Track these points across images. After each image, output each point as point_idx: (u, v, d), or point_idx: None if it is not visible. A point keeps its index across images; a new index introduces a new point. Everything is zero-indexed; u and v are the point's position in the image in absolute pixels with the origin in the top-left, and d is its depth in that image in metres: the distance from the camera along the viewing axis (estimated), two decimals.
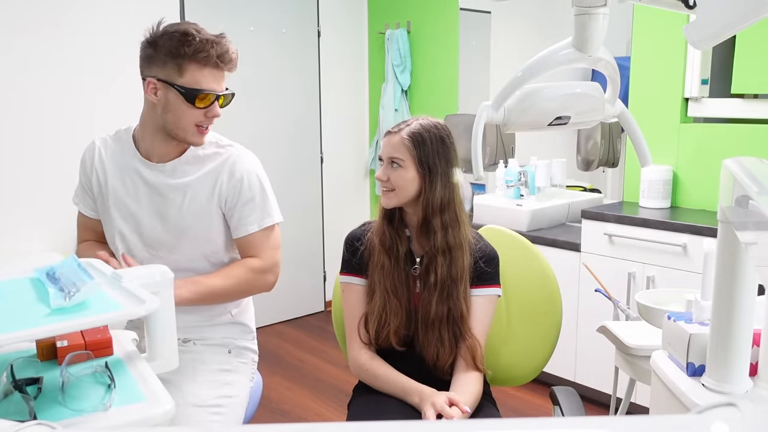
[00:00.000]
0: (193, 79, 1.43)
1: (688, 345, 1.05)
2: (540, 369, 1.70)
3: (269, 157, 3.78)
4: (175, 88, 1.43)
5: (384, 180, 1.47)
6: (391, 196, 1.47)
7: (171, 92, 1.44)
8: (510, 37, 3.64)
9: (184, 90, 1.43)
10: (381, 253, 1.51)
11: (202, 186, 1.55)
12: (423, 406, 1.38)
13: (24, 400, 0.88)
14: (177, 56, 1.41)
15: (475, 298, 1.51)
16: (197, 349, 1.60)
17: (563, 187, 3.20)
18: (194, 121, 1.47)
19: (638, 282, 2.52)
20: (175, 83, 1.43)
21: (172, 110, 1.45)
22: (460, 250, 1.48)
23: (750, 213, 0.77)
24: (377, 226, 1.54)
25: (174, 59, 1.42)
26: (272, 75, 3.73)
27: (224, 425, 1.52)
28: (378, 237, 1.52)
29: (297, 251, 3.97)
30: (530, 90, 1.26)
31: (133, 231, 1.56)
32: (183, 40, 1.41)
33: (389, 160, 1.47)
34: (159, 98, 1.45)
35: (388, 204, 1.49)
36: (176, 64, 1.42)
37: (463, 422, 0.41)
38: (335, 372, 3.23)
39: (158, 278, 1.10)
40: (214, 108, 1.48)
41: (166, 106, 1.45)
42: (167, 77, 1.43)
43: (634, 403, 2.42)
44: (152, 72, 1.44)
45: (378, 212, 1.55)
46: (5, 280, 1.07)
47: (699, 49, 1.09)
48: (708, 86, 2.69)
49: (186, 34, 1.42)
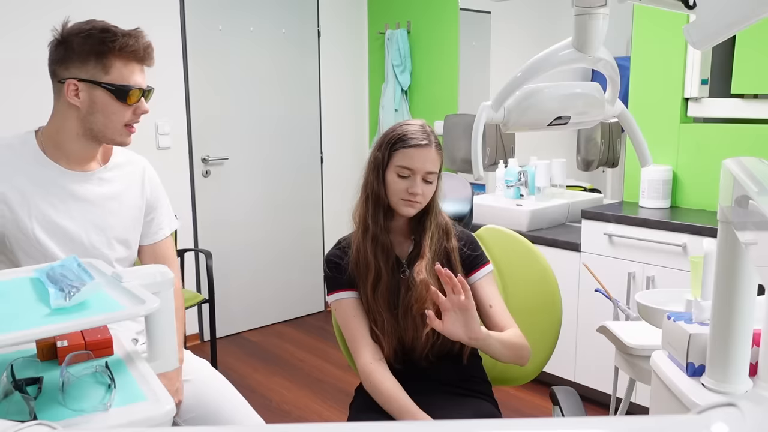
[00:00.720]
0: (120, 76, 1.37)
1: (688, 345, 1.05)
2: (540, 369, 1.70)
3: (269, 157, 3.79)
4: (102, 87, 1.36)
5: (420, 194, 1.46)
6: (418, 207, 1.49)
7: (97, 92, 1.36)
8: (510, 37, 3.64)
9: (113, 87, 1.36)
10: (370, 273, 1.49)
11: (130, 191, 1.54)
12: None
13: (24, 400, 0.88)
14: (100, 53, 1.34)
15: (477, 283, 1.53)
16: None
17: (563, 187, 3.20)
18: (124, 120, 1.41)
19: (638, 282, 2.52)
20: (102, 81, 1.36)
21: (99, 110, 1.38)
22: (445, 235, 1.53)
23: (750, 213, 0.77)
24: (360, 246, 1.51)
25: (97, 57, 1.35)
26: (272, 75, 3.73)
27: None
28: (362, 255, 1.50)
29: (297, 251, 3.97)
30: (530, 90, 1.26)
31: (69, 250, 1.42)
32: (105, 37, 1.35)
33: (426, 175, 1.46)
34: (82, 99, 1.37)
35: (412, 214, 1.50)
36: (100, 62, 1.35)
37: (463, 422, 0.41)
38: (335, 372, 3.23)
39: (158, 278, 1.10)
40: (143, 104, 1.43)
41: (92, 107, 1.38)
42: (91, 76, 1.35)
43: (634, 403, 2.42)
44: (71, 73, 1.36)
45: (359, 226, 1.53)
46: (5, 280, 1.07)
47: (699, 49, 1.09)
48: (708, 86, 2.69)
49: (106, 30, 1.36)
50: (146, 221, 1.60)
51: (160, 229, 1.64)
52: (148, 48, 1.41)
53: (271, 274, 3.87)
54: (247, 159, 3.69)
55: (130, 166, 1.57)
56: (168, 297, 1.10)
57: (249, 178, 3.72)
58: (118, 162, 1.54)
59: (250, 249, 3.76)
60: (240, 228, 3.71)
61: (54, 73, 1.39)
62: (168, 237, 1.67)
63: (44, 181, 1.41)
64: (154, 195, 1.61)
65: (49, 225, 1.41)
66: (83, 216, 1.45)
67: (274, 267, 3.87)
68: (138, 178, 1.57)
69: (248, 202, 3.74)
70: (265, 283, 3.83)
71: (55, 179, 1.42)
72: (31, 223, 1.39)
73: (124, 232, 1.53)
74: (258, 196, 3.78)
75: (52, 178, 1.42)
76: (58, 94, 1.40)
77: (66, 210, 1.43)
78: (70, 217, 1.43)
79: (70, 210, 1.43)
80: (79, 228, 1.44)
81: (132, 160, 1.58)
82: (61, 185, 1.42)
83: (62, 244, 1.43)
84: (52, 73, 1.40)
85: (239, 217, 3.70)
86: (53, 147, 1.43)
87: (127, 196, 1.53)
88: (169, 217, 1.67)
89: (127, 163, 1.56)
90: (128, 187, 1.54)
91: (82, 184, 1.45)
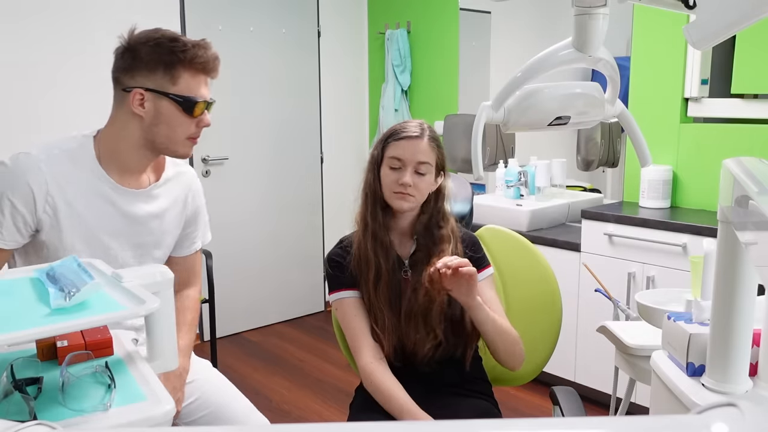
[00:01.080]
0: (187, 87, 1.34)
1: (688, 345, 1.05)
2: (540, 369, 1.70)
3: (269, 157, 3.79)
4: (169, 98, 1.33)
5: (411, 186, 1.46)
6: (411, 201, 1.47)
7: (163, 102, 1.33)
8: (510, 37, 3.64)
9: (181, 99, 1.33)
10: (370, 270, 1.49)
11: (174, 209, 1.51)
12: None
13: (24, 400, 0.88)
14: (169, 64, 1.31)
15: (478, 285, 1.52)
16: None
17: (563, 187, 3.20)
18: (187, 133, 1.38)
19: (638, 282, 2.52)
20: (169, 92, 1.33)
21: (164, 122, 1.35)
22: (449, 242, 1.51)
23: (750, 213, 0.77)
24: (361, 244, 1.52)
25: (166, 67, 1.31)
26: (272, 75, 3.73)
27: None
28: (363, 253, 1.51)
29: (297, 251, 3.97)
30: (530, 90, 1.26)
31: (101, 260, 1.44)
32: (174, 47, 1.31)
33: (417, 166, 1.46)
34: (147, 110, 1.34)
35: (408, 208, 1.49)
36: (168, 73, 1.32)
37: (463, 422, 0.41)
38: (335, 372, 3.23)
39: (158, 278, 1.10)
40: (206, 117, 1.40)
41: (157, 118, 1.35)
42: (158, 86, 1.32)
43: (634, 403, 2.42)
44: (137, 82, 1.33)
45: (360, 224, 1.54)
46: (5, 280, 1.07)
47: (699, 49, 1.09)
48: (708, 86, 2.69)
49: (175, 39, 1.32)
50: (182, 234, 1.57)
51: (192, 244, 1.61)
52: (216, 60, 1.37)
53: (271, 274, 3.87)
54: (247, 159, 3.69)
55: (179, 177, 1.53)
56: (168, 297, 1.10)
57: (249, 178, 3.72)
58: (168, 176, 1.50)
59: (250, 249, 3.75)
60: (240, 228, 3.71)
61: (118, 81, 1.35)
62: (198, 251, 1.65)
63: (95, 196, 1.38)
64: (195, 211, 1.58)
65: (91, 241, 1.38)
66: (124, 234, 1.43)
67: (274, 267, 3.87)
68: (182, 194, 1.53)
69: (248, 202, 3.74)
70: (265, 283, 3.83)
71: (107, 195, 1.39)
72: (72, 236, 1.36)
73: (156, 250, 1.50)
74: (258, 196, 3.78)
75: (104, 194, 1.38)
76: (121, 102, 1.36)
77: (111, 228, 1.40)
78: (112, 236, 1.41)
79: (115, 228, 1.41)
80: (118, 246, 1.42)
81: (181, 171, 1.54)
82: (111, 202, 1.39)
83: (93, 250, 1.39)
84: (116, 81, 1.36)
85: (239, 217, 3.70)
86: (109, 154, 1.39)
87: (170, 214, 1.50)
88: (203, 232, 1.64)
89: (176, 176, 1.53)
90: (173, 205, 1.51)
91: (133, 202, 1.42)
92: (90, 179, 1.37)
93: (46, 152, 1.34)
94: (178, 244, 1.58)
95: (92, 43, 2.98)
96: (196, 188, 1.59)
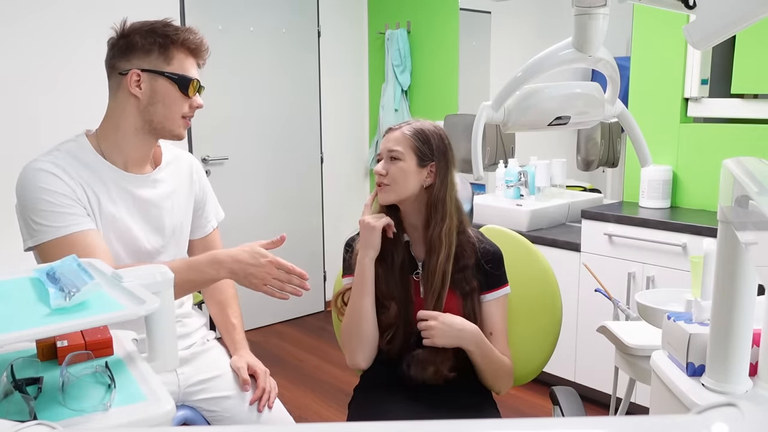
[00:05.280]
0: (180, 67, 1.39)
1: (688, 345, 1.05)
2: (540, 369, 1.70)
3: (269, 157, 3.79)
4: (165, 76, 1.37)
5: (383, 174, 1.46)
6: (388, 191, 1.47)
7: (159, 81, 1.37)
8: (510, 37, 3.64)
9: (176, 77, 1.38)
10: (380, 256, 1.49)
11: (182, 189, 1.55)
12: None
13: (24, 400, 0.88)
14: (163, 45, 1.36)
15: (487, 303, 1.51)
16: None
17: (563, 187, 3.20)
18: (182, 112, 1.42)
19: (638, 282, 2.52)
20: (165, 71, 1.37)
21: (160, 101, 1.38)
22: (464, 252, 1.48)
23: (750, 213, 0.77)
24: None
25: (160, 48, 1.36)
26: (272, 75, 3.73)
27: None
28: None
29: (297, 251, 3.97)
30: (530, 90, 1.26)
31: (129, 250, 1.44)
32: (167, 30, 1.38)
33: (388, 154, 1.47)
34: (144, 90, 1.37)
35: (386, 200, 1.48)
36: (162, 53, 1.37)
37: (463, 422, 0.41)
38: (335, 372, 3.23)
39: (158, 278, 1.10)
40: (198, 98, 1.44)
41: (153, 98, 1.38)
42: (154, 66, 1.37)
43: (634, 403, 2.42)
44: (133, 64, 1.37)
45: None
46: (5, 280, 1.07)
47: (699, 49, 1.09)
48: (708, 86, 2.69)
49: (168, 24, 1.39)
50: (195, 215, 1.61)
51: (208, 222, 1.65)
52: (204, 45, 1.44)
53: None
54: (247, 159, 3.69)
55: (179, 162, 1.57)
56: (168, 297, 1.10)
57: (249, 178, 3.72)
58: (168, 160, 1.54)
59: None
60: (240, 228, 3.70)
61: (113, 67, 1.39)
62: (216, 229, 1.68)
63: (109, 184, 1.40)
64: (202, 189, 1.62)
65: (120, 229, 1.41)
66: (143, 218, 1.45)
67: None
68: (186, 175, 1.57)
69: (248, 202, 3.74)
70: None
71: (117, 181, 1.41)
72: (105, 227, 1.38)
73: (178, 230, 1.53)
74: (258, 196, 3.78)
75: (115, 180, 1.40)
76: (117, 88, 1.39)
77: (129, 213, 1.42)
78: (133, 220, 1.43)
79: (132, 213, 1.43)
80: (140, 231, 1.44)
81: (179, 157, 1.58)
82: (123, 187, 1.41)
83: (128, 249, 1.43)
84: (111, 68, 1.39)
85: (239, 217, 3.69)
86: (111, 147, 1.41)
87: (179, 194, 1.54)
88: (215, 210, 1.68)
89: (175, 160, 1.56)
90: (180, 185, 1.54)
91: (141, 187, 1.44)
92: (99, 170, 1.39)
93: (50, 159, 1.36)
94: (194, 226, 1.61)
95: (92, 43, 2.98)
96: (198, 167, 1.63)
